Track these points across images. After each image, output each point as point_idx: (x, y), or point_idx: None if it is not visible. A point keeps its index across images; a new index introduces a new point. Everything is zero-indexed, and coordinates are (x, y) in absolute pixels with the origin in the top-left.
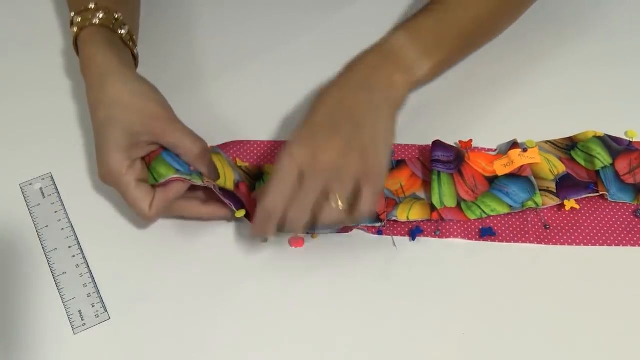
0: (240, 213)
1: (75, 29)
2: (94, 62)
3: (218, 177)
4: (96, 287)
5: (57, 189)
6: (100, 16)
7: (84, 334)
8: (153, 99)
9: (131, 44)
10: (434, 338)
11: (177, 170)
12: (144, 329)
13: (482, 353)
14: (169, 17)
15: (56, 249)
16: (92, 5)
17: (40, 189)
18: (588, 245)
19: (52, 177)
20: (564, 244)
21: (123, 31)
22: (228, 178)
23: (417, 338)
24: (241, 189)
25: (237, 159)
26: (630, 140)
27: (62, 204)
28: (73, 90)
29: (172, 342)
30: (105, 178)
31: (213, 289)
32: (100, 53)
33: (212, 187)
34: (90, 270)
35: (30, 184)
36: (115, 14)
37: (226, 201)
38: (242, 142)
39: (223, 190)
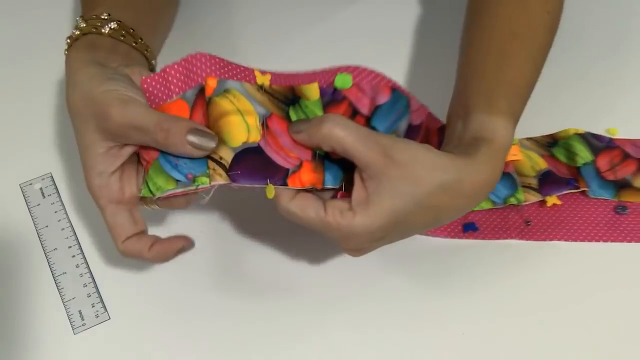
0: (270, 192)
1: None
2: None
3: (214, 140)
4: (96, 287)
5: (57, 189)
6: (82, 26)
7: (84, 334)
8: (100, 94)
9: (127, 37)
10: (434, 338)
11: (178, 182)
12: (144, 329)
13: (482, 353)
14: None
15: (56, 249)
16: (78, 20)
17: (40, 189)
18: (569, 240)
19: (52, 177)
20: (546, 240)
21: (108, 29)
22: (250, 124)
23: (417, 338)
24: (272, 126)
25: (257, 72)
26: (611, 137)
27: (62, 204)
28: None
29: (172, 342)
30: (92, 197)
31: (214, 289)
32: (67, 66)
33: (222, 184)
34: (90, 270)
35: (30, 184)
36: (103, 15)
37: (246, 184)
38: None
39: (238, 170)
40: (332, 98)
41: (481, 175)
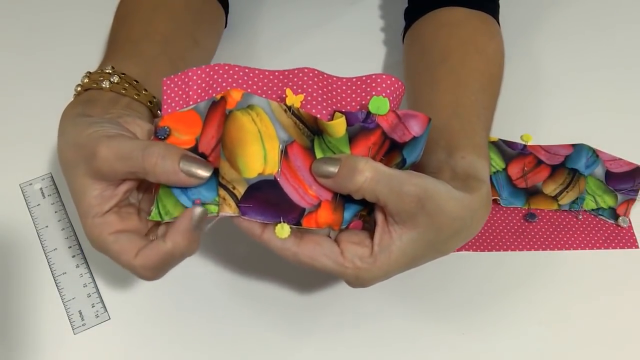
0: (283, 232)
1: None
2: None
3: (209, 168)
4: (96, 287)
5: (57, 189)
6: (85, 82)
7: (84, 334)
8: (86, 137)
9: (128, 90)
10: (434, 338)
11: (186, 209)
12: (144, 329)
13: (482, 353)
14: None
15: (56, 249)
16: (83, 76)
17: (40, 189)
18: (477, 251)
19: (52, 177)
20: (461, 250)
21: (108, 83)
22: (268, 152)
23: (417, 338)
24: (292, 156)
25: (288, 90)
26: (525, 144)
27: (62, 204)
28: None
29: (172, 343)
30: (93, 247)
31: (214, 290)
32: (60, 121)
33: (230, 216)
34: (90, 270)
35: (30, 184)
36: (107, 69)
37: (257, 219)
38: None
39: (250, 202)
40: (362, 127)
41: (484, 214)
